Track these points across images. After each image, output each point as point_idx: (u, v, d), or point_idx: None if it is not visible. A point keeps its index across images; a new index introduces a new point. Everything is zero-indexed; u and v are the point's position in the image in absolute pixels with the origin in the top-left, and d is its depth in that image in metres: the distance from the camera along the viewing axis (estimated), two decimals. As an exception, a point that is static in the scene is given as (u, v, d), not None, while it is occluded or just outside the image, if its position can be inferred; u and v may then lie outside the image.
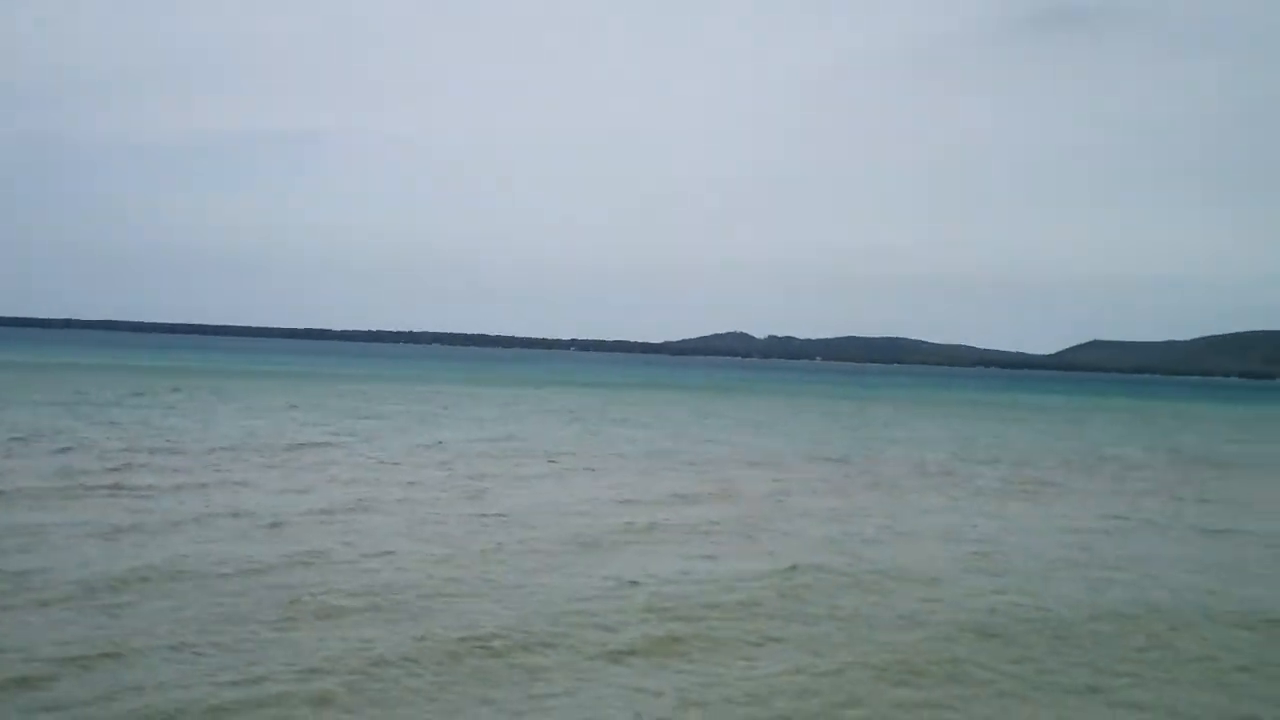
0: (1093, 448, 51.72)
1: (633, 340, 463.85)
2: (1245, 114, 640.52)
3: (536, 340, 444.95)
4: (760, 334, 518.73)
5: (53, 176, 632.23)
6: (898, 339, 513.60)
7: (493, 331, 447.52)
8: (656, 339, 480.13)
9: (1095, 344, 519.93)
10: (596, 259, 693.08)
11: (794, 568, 19.13)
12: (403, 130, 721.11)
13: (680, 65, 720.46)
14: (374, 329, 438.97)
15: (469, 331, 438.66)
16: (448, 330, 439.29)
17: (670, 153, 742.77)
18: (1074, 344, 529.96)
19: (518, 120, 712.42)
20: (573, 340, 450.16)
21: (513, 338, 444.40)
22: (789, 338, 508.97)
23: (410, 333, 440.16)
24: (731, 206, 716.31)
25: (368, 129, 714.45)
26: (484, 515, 23.75)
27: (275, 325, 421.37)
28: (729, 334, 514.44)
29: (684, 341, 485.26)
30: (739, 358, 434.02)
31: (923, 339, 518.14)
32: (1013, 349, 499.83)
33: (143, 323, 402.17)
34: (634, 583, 17.55)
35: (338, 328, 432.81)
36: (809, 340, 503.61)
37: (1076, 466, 41.31)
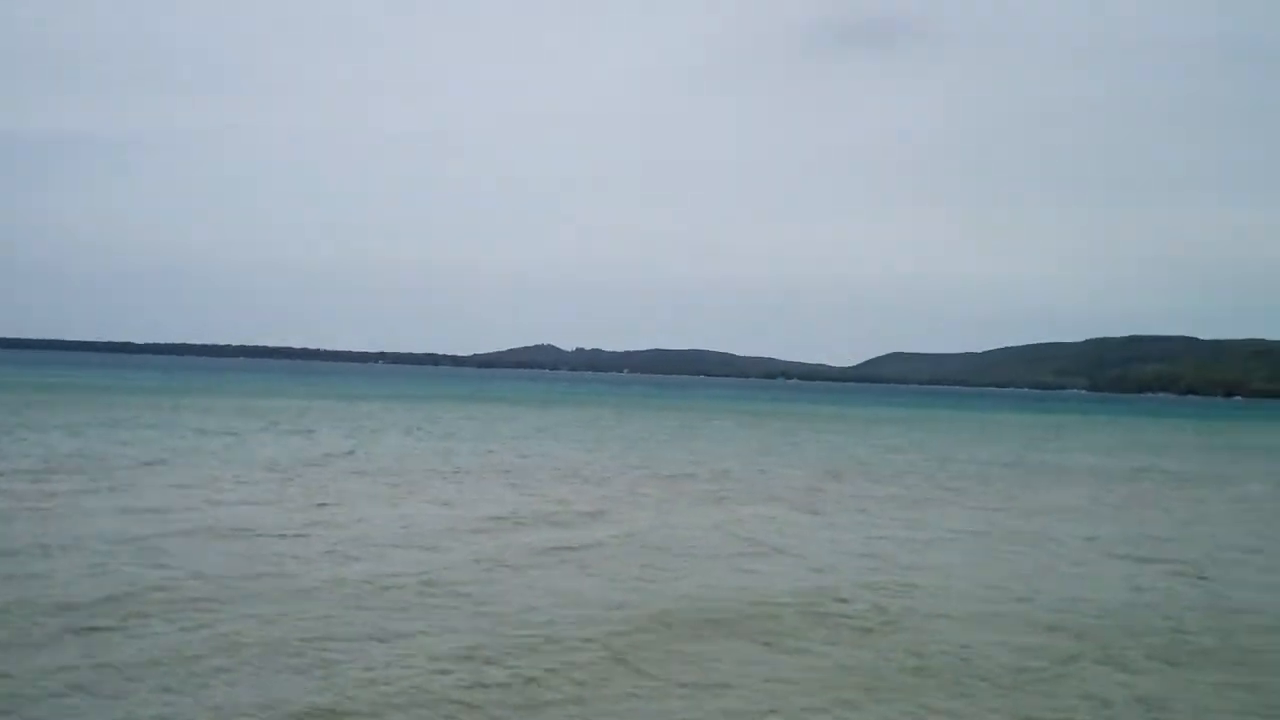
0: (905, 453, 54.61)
1: (441, 353, 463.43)
2: (1041, 131, 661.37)
3: (344, 354, 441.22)
4: (568, 346, 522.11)
5: None
6: (704, 351, 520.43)
7: (297, 344, 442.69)
8: (465, 352, 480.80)
9: (895, 356, 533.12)
10: (401, 269, 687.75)
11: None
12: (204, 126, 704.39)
13: (490, 71, 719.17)
14: (174, 341, 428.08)
15: (271, 345, 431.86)
16: (249, 344, 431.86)
17: (480, 160, 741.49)
18: (875, 356, 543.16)
19: (316, 121, 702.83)
20: (380, 354, 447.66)
21: (319, 350, 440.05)
22: (597, 350, 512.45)
23: (207, 345, 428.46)
24: (538, 217, 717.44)
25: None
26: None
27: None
28: (537, 346, 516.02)
29: (493, 354, 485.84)
30: (548, 370, 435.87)
31: (729, 351, 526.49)
32: (816, 361, 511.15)
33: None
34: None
35: (140, 340, 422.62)
36: (617, 353, 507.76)
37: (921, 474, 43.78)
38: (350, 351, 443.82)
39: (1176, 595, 19.99)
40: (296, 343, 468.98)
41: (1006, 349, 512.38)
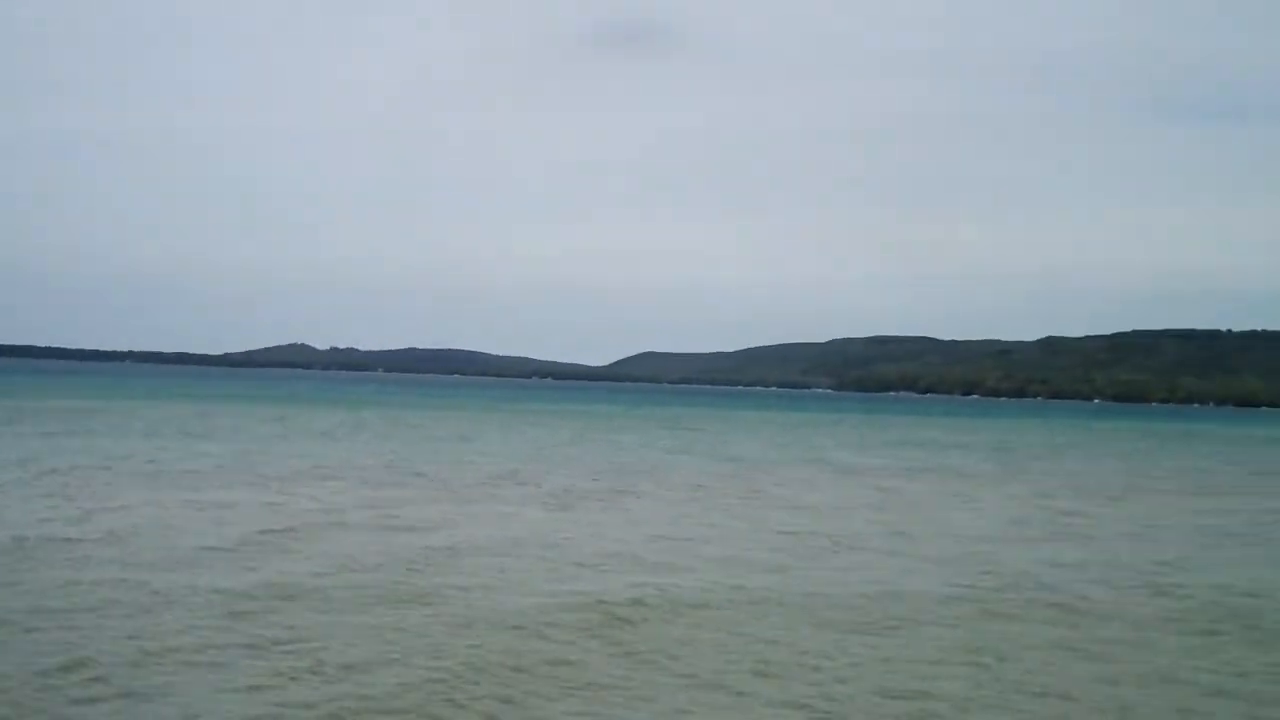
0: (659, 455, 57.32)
1: (192, 352, 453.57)
2: (792, 138, 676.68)
3: (89, 352, 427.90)
4: (322, 345, 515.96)
5: None
6: (459, 350, 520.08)
7: (41, 343, 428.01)
8: (216, 350, 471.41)
9: (648, 355, 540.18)
10: (147, 265, 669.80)
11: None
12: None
13: (249, 71, 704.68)
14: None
15: (7, 343, 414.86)
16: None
17: (227, 156, 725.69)
18: (628, 355, 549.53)
19: (69, 119, 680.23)
20: (129, 352, 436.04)
21: (63, 349, 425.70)
22: (351, 349, 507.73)
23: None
24: (291, 217, 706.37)
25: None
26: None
27: None
28: (290, 345, 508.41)
29: (245, 354, 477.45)
30: (300, 369, 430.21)
31: (484, 351, 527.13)
32: (570, 360, 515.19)
33: None
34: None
35: None
36: (371, 352, 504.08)
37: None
38: (96, 350, 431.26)
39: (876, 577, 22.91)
40: (40, 341, 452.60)
41: (755, 349, 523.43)
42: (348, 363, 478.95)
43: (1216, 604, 20.36)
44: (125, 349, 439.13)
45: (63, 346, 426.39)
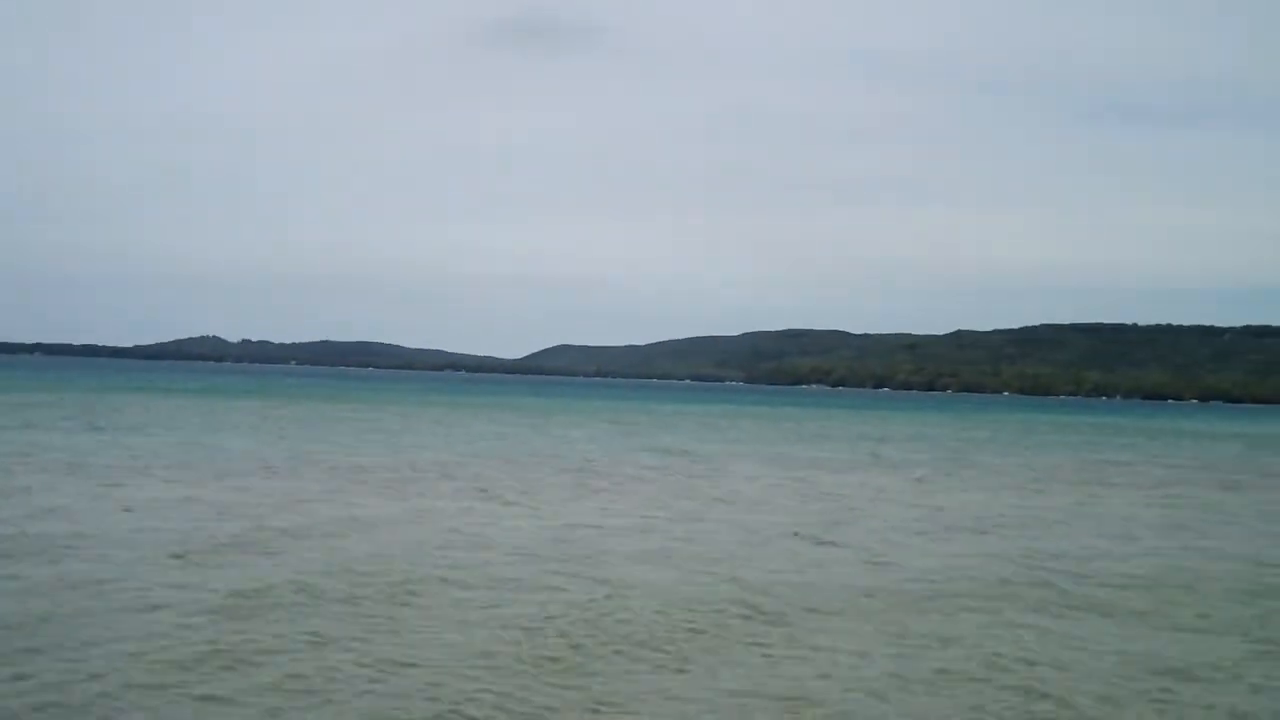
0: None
1: (102, 344, 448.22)
2: (705, 134, 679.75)
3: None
4: (234, 338, 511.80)
5: None
6: (372, 343, 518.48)
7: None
8: (126, 343, 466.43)
9: (563, 348, 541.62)
10: (53, 256, 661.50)
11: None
12: None
13: (156, 59, 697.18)
14: None
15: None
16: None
17: (138, 148, 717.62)
18: (542, 348, 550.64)
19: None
20: (36, 344, 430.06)
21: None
22: (264, 342, 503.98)
23: None
24: (204, 204, 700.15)
25: None
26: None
27: None
28: (201, 338, 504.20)
29: (156, 345, 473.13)
30: (212, 362, 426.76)
31: (396, 343, 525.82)
32: (484, 353, 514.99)
33: None
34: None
35: None
36: (284, 345, 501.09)
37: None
38: (4, 343, 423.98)
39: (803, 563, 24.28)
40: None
41: (668, 342, 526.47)
42: (260, 355, 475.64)
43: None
44: (33, 341, 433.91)
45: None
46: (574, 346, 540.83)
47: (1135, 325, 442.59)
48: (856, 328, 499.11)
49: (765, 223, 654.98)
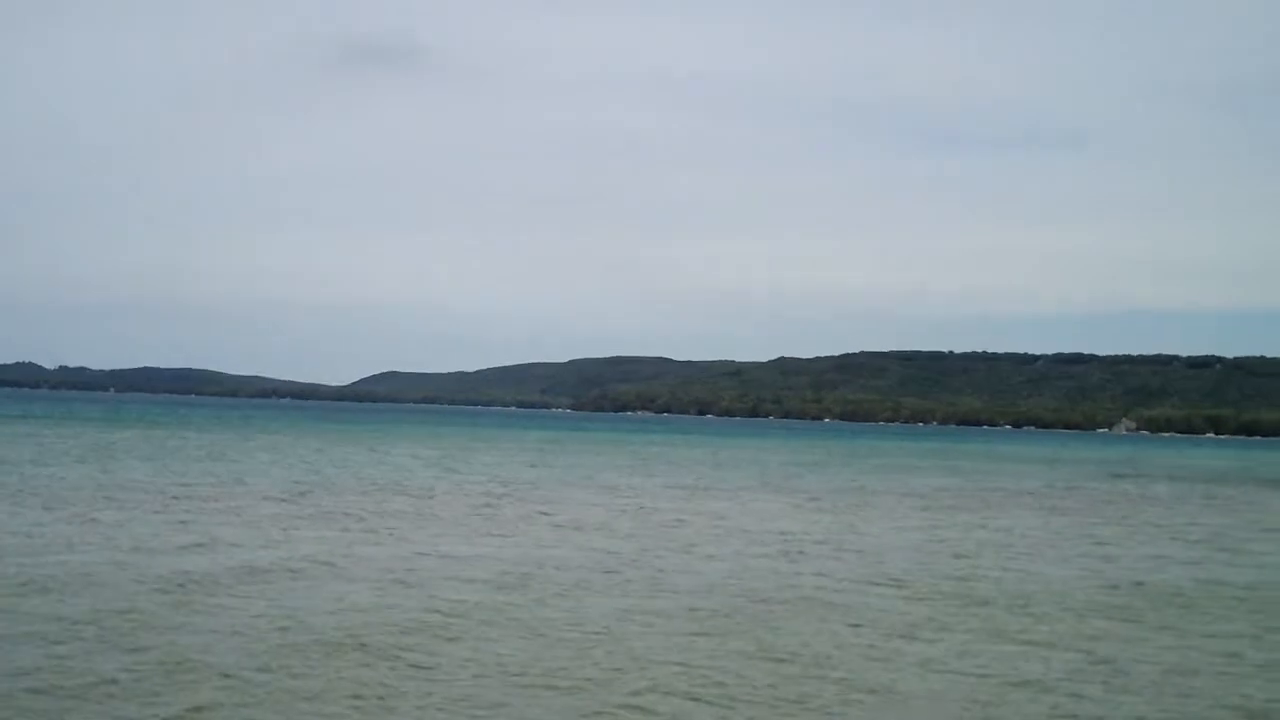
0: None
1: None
2: (529, 153, 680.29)
3: None
4: (51, 364, 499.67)
5: None
6: (195, 370, 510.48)
7: None
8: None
9: (389, 375, 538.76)
10: None
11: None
12: None
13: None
14: None
15: None
16: None
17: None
18: (369, 374, 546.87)
19: None
20: None
21: None
22: (82, 368, 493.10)
23: None
24: (19, 225, 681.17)
25: None
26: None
27: None
28: (15, 364, 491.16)
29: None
30: (28, 389, 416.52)
31: (221, 370, 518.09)
32: (309, 380, 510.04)
33: None
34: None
35: None
36: (104, 371, 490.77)
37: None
38: None
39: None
40: None
41: (496, 368, 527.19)
42: (78, 382, 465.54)
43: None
44: None
45: None
46: (401, 373, 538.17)
47: (952, 353, 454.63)
48: (681, 355, 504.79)
49: (593, 249, 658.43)
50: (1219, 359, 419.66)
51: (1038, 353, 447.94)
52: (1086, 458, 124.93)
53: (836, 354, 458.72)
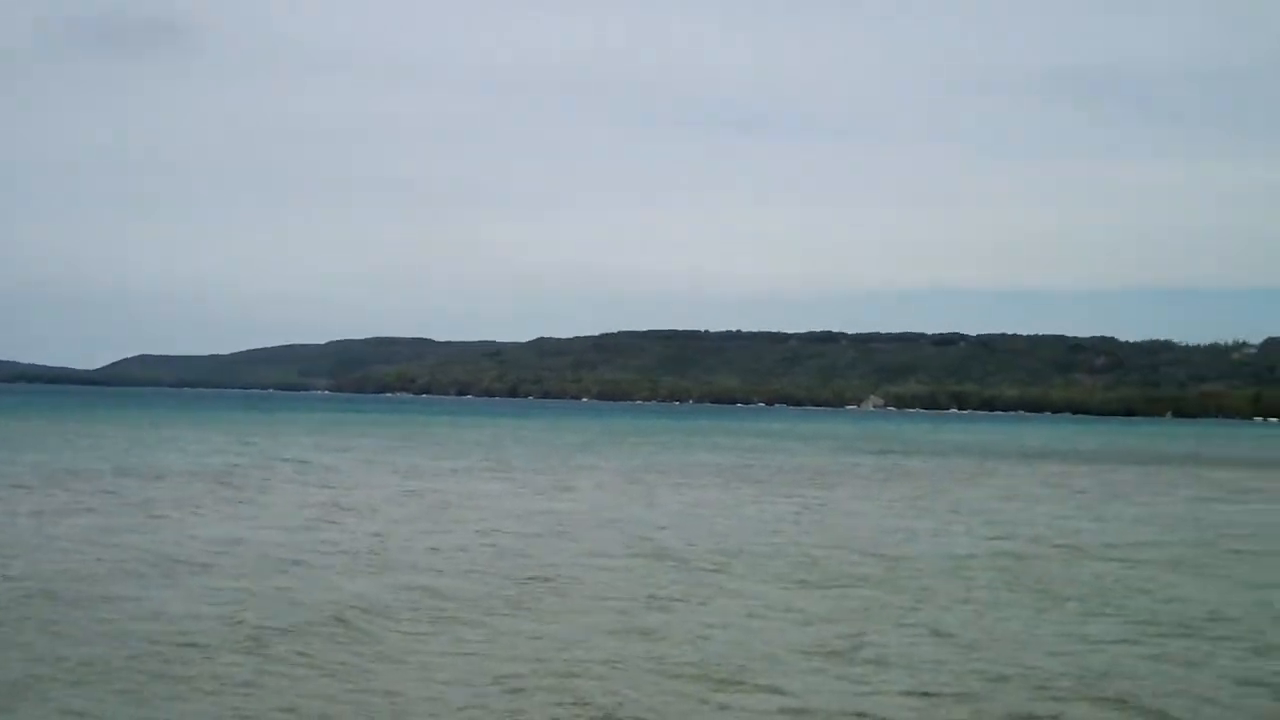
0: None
1: None
2: (288, 132, 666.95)
3: None
4: None
5: None
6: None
7: None
8: None
9: (143, 358, 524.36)
10: None
11: None
12: None
13: None
14: None
15: None
16: None
17: None
18: (121, 358, 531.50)
19: None
20: None
21: None
22: None
23: None
24: None
25: None
26: None
27: None
28: None
29: None
30: None
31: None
32: (58, 364, 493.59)
33: None
34: None
35: None
36: None
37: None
38: None
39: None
40: None
41: (253, 350, 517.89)
42: None
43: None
44: None
45: None
46: (155, 356, 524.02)
47: (708, 332, 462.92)
48: (441, 335, 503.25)
49: (351, 229, 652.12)
50: (963, 337, 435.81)
51: (790, 332, 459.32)
52: (846, 433, 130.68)
53: (595, 334, 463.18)
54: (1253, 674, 16.25)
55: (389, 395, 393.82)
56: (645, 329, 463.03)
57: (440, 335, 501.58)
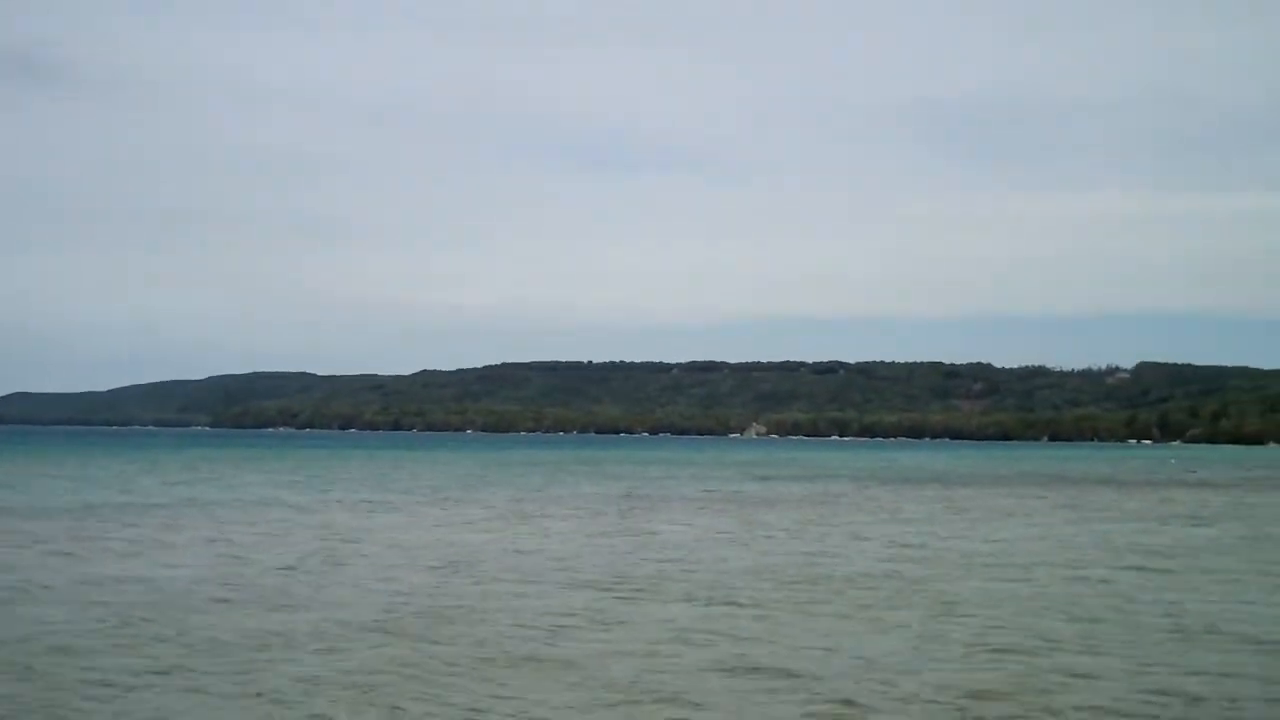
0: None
1: None
2: (159, 164, 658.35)
3: None
4: None
5: None
6: None
7: None
8: None
9: (18, 396, 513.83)
10: None
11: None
12: None
13: None
14: None
15: None
16: None
17: None
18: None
19: None
20: None
21: None
22: None
23: None
24: None
25: None
26: None
27: None
28: None
29: None
30: None
31: None
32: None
33: None
34: None
35: None
36: None
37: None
38: None
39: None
40: None
41: (130, 387, 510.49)
42: None
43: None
44: None
45: None
46: (31, 394, 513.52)
47: (591, 363, 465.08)
48: (324, 369, 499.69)
49: (232, 263, 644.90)
50: (842, 364, 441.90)
51: (672, 361, 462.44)
52: (734, 460, 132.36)
53: (479, 366, 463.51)
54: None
55: (270, 430, 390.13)
56: (529, 360, 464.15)
57: (323, 369, 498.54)
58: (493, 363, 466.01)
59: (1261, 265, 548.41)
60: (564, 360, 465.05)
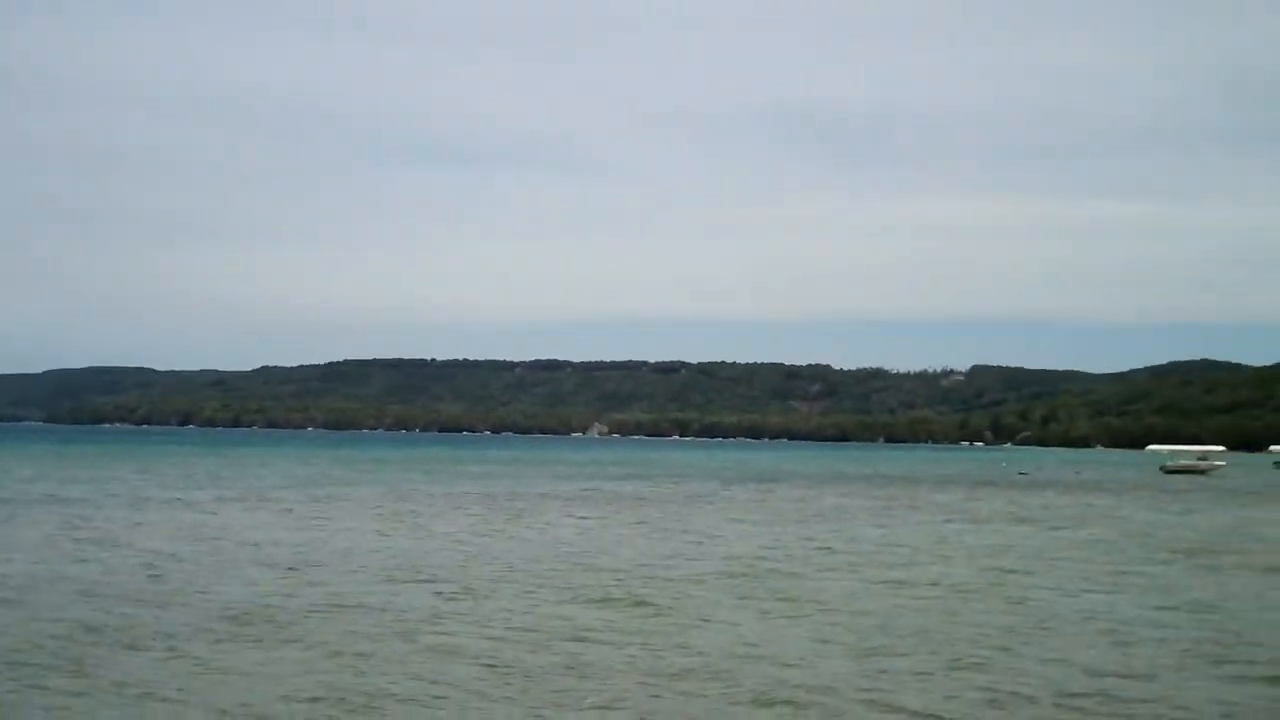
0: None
1: None
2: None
3: None
4: None
5: None
6: None
7: None
8: None
9: None
10: None
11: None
12: None
13: None
14: None
15: None
16: None
17: None
18: None
19: None
20: None
21: None
22: None
23: None
24: None
25: None
26: None
27: None
28: None
29: None
30: None
31: None
32: None
33: None
34: None
35: None
36: None
37: None
38: None
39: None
40: None
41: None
42: None
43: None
44: None
45: None
46: None
47: (434, 360, 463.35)
48: (163, 365, 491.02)
49: (69, 261, 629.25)
50: (684, 364, 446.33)
51: (515, 360, 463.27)
52: (577, 459, 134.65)
53: (321, 363, 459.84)
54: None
55: (107, 426, 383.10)
56: (371, 357, 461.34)
57: (162, 365, 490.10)
58: (335, 359, 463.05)
59: (1095, 272, 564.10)
60: (407, 357, 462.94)
